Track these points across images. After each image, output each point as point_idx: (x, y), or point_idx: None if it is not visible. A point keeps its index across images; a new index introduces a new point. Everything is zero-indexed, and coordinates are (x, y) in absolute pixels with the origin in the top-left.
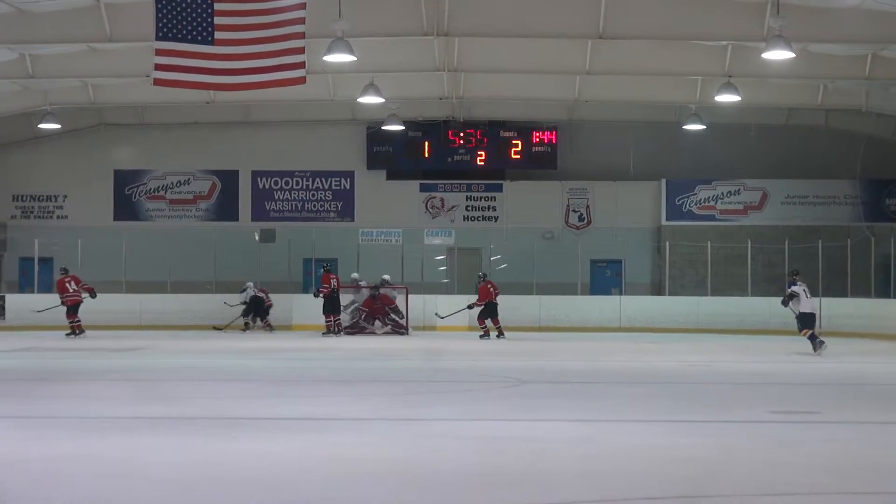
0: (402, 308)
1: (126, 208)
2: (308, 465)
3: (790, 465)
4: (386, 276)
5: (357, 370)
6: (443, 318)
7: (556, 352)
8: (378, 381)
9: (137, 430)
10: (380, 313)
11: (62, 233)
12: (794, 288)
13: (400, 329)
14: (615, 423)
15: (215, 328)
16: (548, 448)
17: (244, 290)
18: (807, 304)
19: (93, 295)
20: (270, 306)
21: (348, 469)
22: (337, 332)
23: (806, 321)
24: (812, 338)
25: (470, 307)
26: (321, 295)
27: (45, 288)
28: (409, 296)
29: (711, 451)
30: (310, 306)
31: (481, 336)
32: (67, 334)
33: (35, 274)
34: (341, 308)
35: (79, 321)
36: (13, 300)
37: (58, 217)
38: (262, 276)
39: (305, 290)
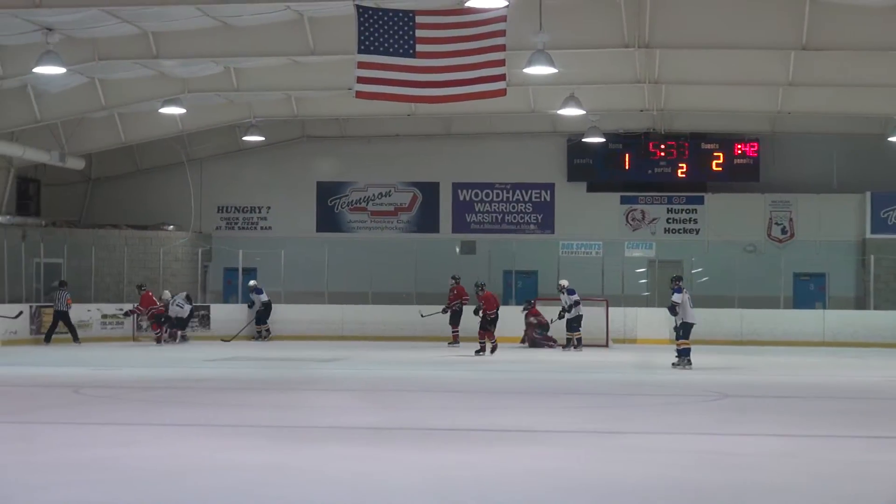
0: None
1: (328, 219)
2: (510, 477)
3: None
4: (252, 282)
5: (558, 382)
6: (424, 316)
7: (758, 366)
8: (579, 393)
9: (338, 440)
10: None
11: (265, 243)
12: (677, 296)
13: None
14: (818, 439)
15: (223, 340)
16: (750, 462)
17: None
18: (691, 313)
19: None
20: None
21: (550, 482)
22: (456, 343)
23: (687, 331)
24: (684, 352)
25: (478, 313)
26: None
27: (249, 298)
28: (610, 308)
29: None
30: (508, 318)
31: (477, 351)
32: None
33: (239, 284)
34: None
35: (159, 332)
36: (218, 310)
37: (261, 228)
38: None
39: (505, 302)
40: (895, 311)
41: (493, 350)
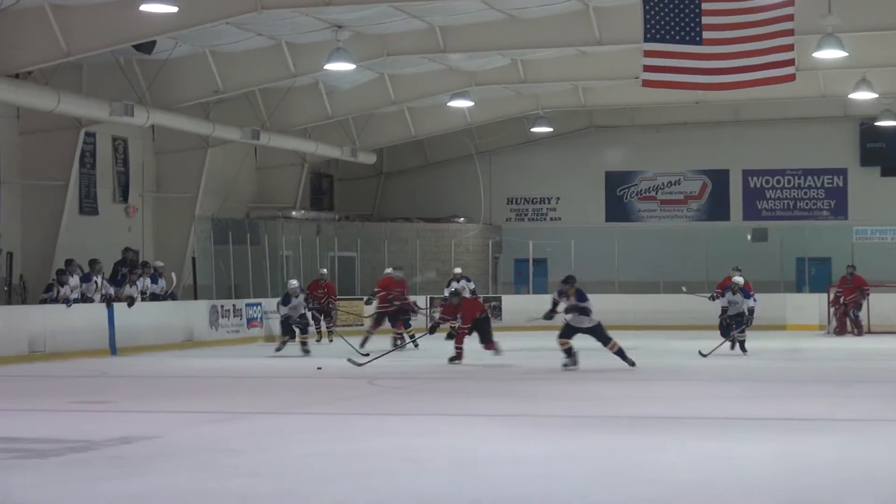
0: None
1: (617, 209)
2: (812, 464)
3: None
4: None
5: (849, 370)
6: (685, 292)
7: None
8: (874, 381)
9: (622, 429)
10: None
11: (555, 234)
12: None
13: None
14: None
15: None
16: None
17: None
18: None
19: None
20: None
21: (855, 470)
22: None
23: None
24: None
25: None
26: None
27: (540, 288)
28: None
29: None
30: (803, 306)
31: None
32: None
33: (529, 275)
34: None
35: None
36: (509, 301)
37: (551, 219)
38: (753, 276)
39: (798, 289)
40: None
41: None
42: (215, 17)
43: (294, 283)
